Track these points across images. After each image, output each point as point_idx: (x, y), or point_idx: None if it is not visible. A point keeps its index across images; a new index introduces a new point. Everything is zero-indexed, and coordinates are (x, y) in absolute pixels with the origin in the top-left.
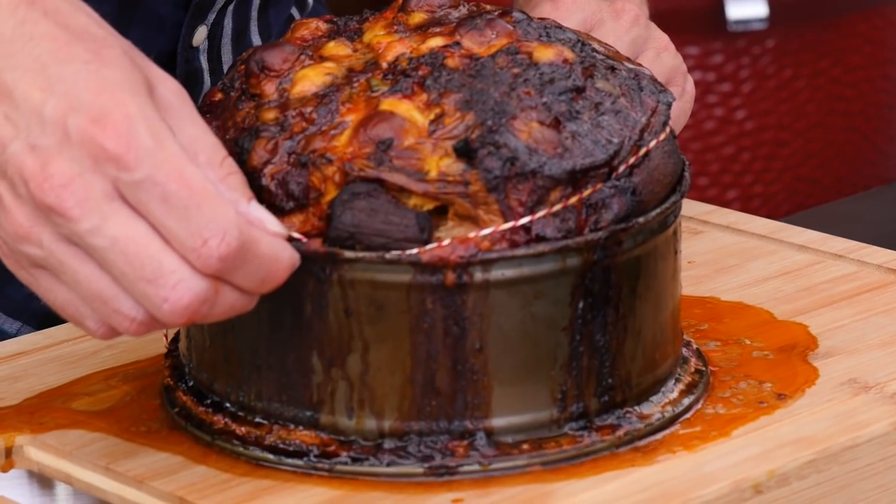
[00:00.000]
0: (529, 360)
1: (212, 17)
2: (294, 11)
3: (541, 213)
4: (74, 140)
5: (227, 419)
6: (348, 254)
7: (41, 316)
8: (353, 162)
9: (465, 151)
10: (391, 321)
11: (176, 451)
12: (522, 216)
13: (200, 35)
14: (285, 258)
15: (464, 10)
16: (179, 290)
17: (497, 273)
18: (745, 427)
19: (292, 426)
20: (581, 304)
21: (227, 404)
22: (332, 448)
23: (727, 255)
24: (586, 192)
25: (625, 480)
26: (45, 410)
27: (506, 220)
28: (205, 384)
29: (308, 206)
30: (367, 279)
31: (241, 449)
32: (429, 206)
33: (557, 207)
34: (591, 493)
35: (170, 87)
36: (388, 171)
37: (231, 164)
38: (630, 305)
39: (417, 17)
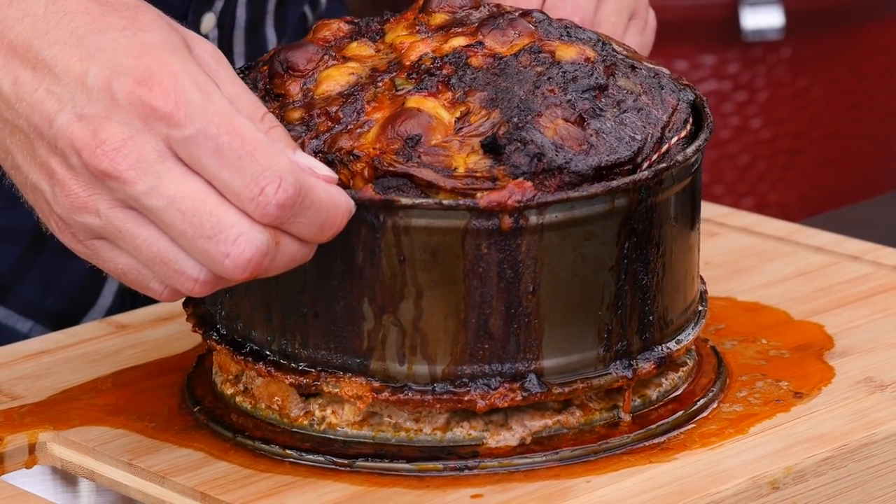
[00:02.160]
0: (578, 301)
1: (219, 4)
2: (307, 10)
3: None
4: (122, 103)
5: (269, 368)
6: (405, 200)
7: (54, 315)
8: (382, 157)
9: (492, 148)
10: (445, 266)
11: (197, 447)
12: None
13: (209, 23)
14: (342, 203)
15: (485, 10)
16: (240, 244)
17: (551, 216)
18: (761, 424)
19: (340, 373)
20: (627, 244)
21: (268, 353)
22: (385, 395)
23: (744, 257)
24: None
25: (642, 477)
26: (67, 407)
27: None
28: (240, 333)
29: None
30: (423, 226)
31: (262, 445)
32: None
33: None
34: (608, 490)
35: (206, 49)
36: (417, 167)
37: (272, 118)
38: (668, 244)
39: (439, 18)
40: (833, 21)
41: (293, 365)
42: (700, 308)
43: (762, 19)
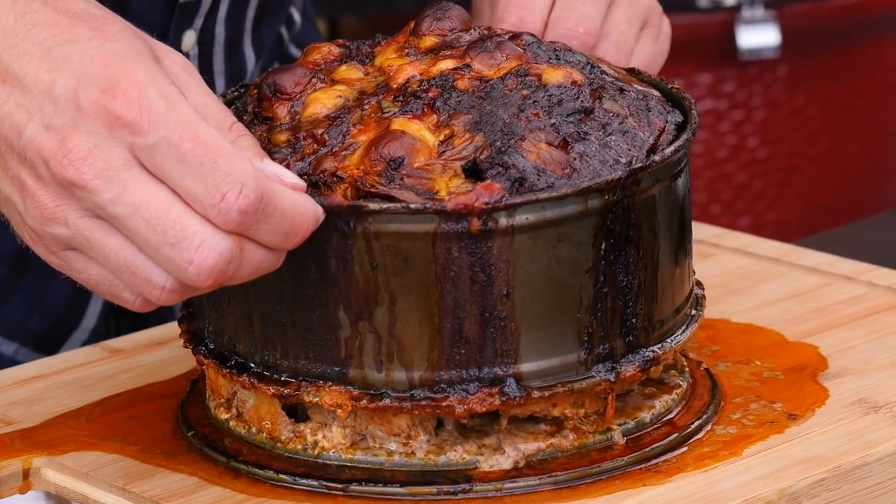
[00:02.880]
0: (555, 304)
1: (199, 21)
2: (283, 30)
3: None
4: (88, 113)
5: (252, 380)
6: (372, 206)
7: (38, 337)
8: (365, 178)
9: (473, 172)
10: (417, 272)
11: (191, 472)
12: None
13: (189, 40)
14: (308, 210)
15: (475, 33)
16: (203, 250)
17: (521, 218)
18: (756, 446)
19: (321, 383)
20: (603, 246)
21: (252, 365)
22: (363, 402)
23: (738, 278)
24: None
25: (636, 500)
26: (62, 433)
27: None
28: (226, 346)
29: None
30: (393, 231)
31: (256, 470)
32: None
33: None
34: None
35: (176, 60)
36: (399, 189)
37: (240, 127)
38: (650, 245)
39: (429, 41)
40: (829, 39)
41: (275, 376)
42: (693, 312)
43: (758, 38)
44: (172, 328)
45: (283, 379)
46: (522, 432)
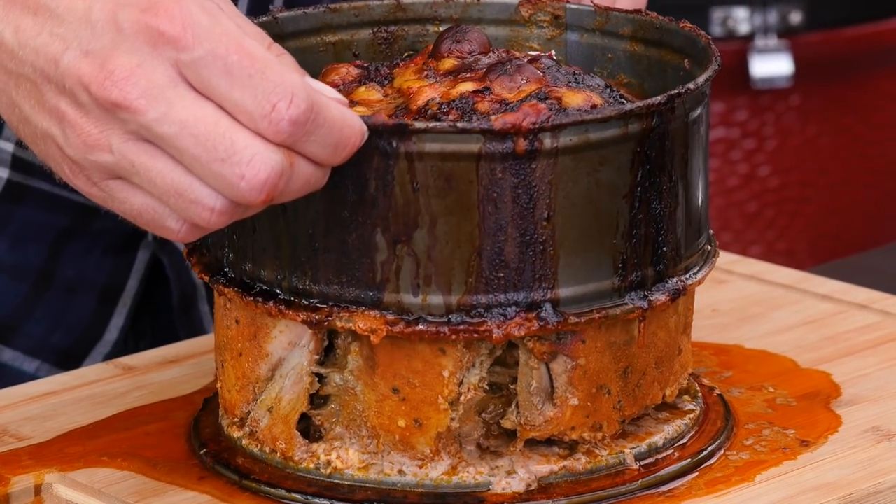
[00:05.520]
0: (593, 229)
1: None
2: None
3: None
4: (128, 32)
5: (280, 306)
6: (418, 124)
7: (61, 351)
8: None
9: None
10: (460, 193)
11: (203, 490)
12: None
13: None
14: (355, 123)
15: (494, 56)
16: (255, 164)
17: (565, 139)
18: (768, 472)
19: (354, 308)
20: (640, 172)
21: (278, 292)
22: (399, 327)
23: (751, 304)
24: None
25: None
26: (74, 449)
27: None
28: (249, 274)
29: None
30: (437, 151)
31: (268, 489)
32: None
33: None
34: None
35: None
36: None
37: (279, 47)
38: (681, 174)
39: (448, 63)
40: (842, 70)
41: (304, 302)
42: (709, 248)
43: (771, 67)
44: (185, 346)
45: (313, 304)
46: (536, 454)
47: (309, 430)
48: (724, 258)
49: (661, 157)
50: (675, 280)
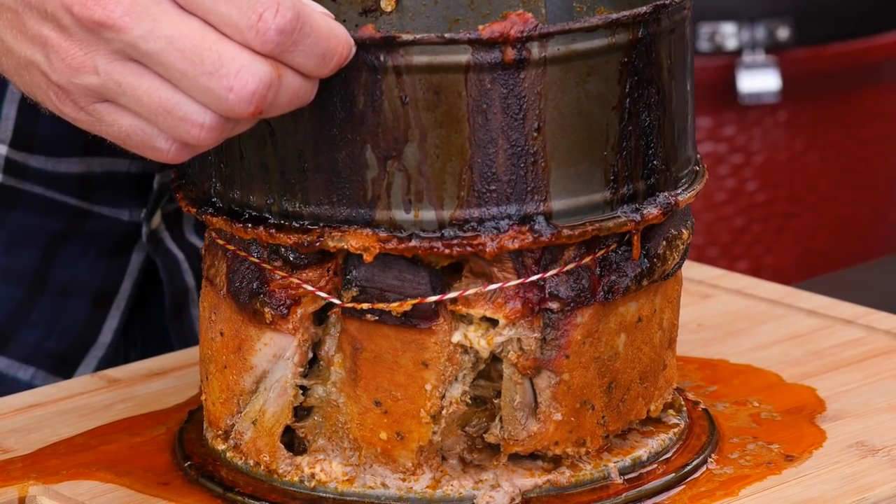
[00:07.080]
0: (584, 140)
1: None
2: None
3: (553, 272)
4: None
5: (270, 230)
6: (405, 36)
7: (55, 356)
8: None
9: None
10: (449, 105)
11: (188, 502)
12: (535, 274)
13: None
14: (342, 34)
15: None
16: (243, 76)
17: (553, 49)
18: (752, 487)
19: (345, 227)
20: (628, 83)
21: (268, 216)
22: (392, 244)
23: (736, 319)
24: (599, 252)
25: None
26: (58, 461)
27: (519, 278)
28: (237, 202)
29: (325, 262)
30: (425, 63)
31: (252, 502)
32: (443, 263)
33: (571, 266)
34: None
35: None
36: None
37: None
38: (668, 88)
39: None
40: (829, 86)
41: (295, 224)
42: (697, 168)
43: (759, 83)
44: (171, 358)
45: (304, 226)
46: (520, 468)
47: (293, 442)
48: (710, 272)
49: (648, 69)
50: (665, 194)
